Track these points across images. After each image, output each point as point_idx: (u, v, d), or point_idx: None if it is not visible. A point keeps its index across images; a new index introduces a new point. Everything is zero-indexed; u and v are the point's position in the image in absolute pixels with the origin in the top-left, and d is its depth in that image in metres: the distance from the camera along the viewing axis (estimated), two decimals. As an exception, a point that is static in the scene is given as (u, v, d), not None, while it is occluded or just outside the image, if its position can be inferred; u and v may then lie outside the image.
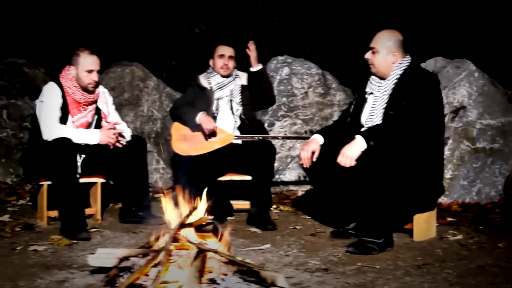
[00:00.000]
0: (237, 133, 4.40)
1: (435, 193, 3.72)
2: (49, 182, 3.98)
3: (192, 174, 4.14)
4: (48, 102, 3.90)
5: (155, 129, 5.55)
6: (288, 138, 5.17)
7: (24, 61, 5.56)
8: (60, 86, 3.96)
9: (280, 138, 4.89)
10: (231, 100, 4.44)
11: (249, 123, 4.43)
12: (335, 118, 5.50)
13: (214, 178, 4.23)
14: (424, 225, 3.72)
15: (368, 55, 3.69)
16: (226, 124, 4.40)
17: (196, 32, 7.42)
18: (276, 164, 4.71)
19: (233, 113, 4.42)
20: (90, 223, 3.99)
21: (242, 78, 4.55)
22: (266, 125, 5.23)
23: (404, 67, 3.64)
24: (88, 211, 4.13)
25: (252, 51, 4.47)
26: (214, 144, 4.29)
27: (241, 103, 4.45)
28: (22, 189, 5.12)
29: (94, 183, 4.17)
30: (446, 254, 3.39)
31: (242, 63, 4.64)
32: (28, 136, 5.24)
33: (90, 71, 3.96)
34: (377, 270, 3.08)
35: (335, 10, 7.33)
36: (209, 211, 3.05)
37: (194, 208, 2.96)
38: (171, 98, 5.74)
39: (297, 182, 5.30)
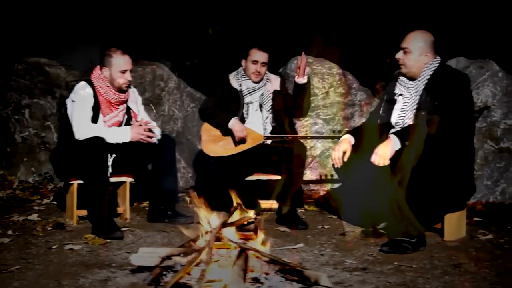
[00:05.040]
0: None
1: (466, 192, 3.73)
2: (79, 182, 4.00)
3: (220, 174, 4.16)
4: (80, 101, 3.90)
5: (176, 129, 5.56)
6: (318, 138, 5.10)
7: (46, 61, 5.55)
8: (92, 85, 3.97)
9: (309, 138, 4.79)
10: (260, 106, 4.36)
11: (280, 129, 4.33)
12: (356, 118, 5.53)
13: (242, 178, 4.25)
14: (455, 224, 3.74)
15: (399, 55, 3.69)
16: (256, 129, 4.33)
17: (210, 33, 7.44)
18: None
19: (262, 120, 4.34)
20: (119, 223, 3.99)
21: (274, 83, 4.44)
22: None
23: (434, 68, 3.66)
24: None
25: (302, 62, 4.24)
26: (244, 145, 4.26)
27: (271, 110, 4.35)
28: (45, 188, 5.14)
29: (122, 183, 4.19)
30: (480, 254, 3.39)
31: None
32: (57, 135, 5.33)
33: (123, 71, 3.97)
34: (415, 269, 3.10)
35: (346, 11, 7.33)
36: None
37: (236, 208, 2.98)
38: (192, 98, 5.75)
39: (318, 181, 5.32)
